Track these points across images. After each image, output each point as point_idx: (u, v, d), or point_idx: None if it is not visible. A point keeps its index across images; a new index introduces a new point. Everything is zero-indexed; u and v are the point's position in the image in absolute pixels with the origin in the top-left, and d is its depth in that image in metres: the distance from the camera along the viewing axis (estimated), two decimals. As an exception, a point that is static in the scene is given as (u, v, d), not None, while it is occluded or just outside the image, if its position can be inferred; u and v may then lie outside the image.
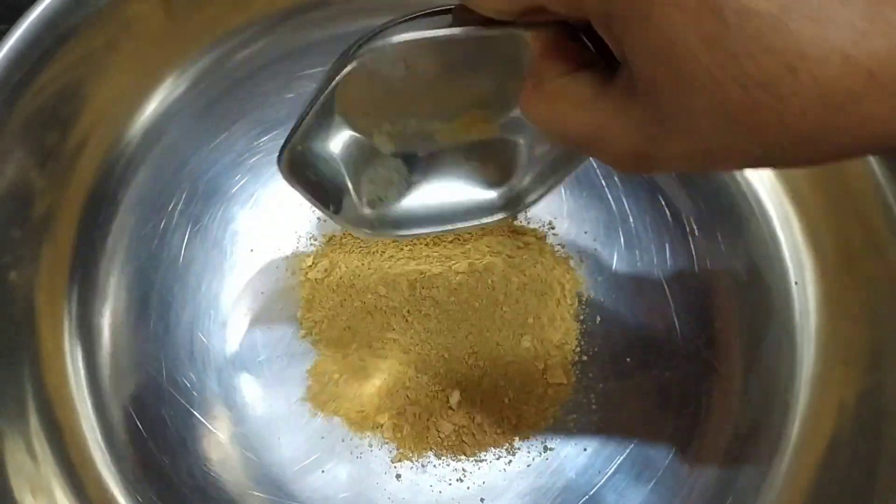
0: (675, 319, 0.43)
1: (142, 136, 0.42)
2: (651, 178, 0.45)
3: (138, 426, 0.40)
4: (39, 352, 0.38)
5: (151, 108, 0.42)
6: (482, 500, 0.40)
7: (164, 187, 0.43)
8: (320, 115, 0.31)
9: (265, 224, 0.43)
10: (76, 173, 0.40)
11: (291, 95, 0.44)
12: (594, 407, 0.42)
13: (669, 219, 0.44)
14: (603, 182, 0.45)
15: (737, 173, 0.44)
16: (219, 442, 0.40)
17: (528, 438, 0.41)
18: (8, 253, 0.37)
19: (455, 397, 0.40)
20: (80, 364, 0.40)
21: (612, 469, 0.41)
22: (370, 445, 0.41)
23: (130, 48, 0.40)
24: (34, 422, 0.37)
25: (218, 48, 0.43)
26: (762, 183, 0.44)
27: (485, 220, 0.37)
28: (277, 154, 0.31)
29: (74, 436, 0.38)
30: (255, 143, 0.44)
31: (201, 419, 0.40)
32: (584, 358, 0.42)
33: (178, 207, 0.43)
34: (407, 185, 0.36)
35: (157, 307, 0.41)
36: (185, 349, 0.41)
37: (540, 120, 0.26)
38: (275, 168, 0.31)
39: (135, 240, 0.42)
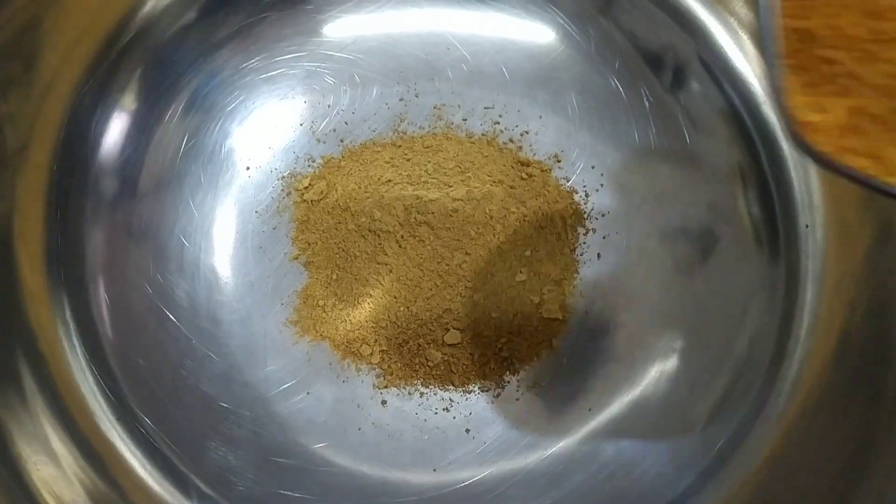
0: (680, 263, 0.41)
1: (129, 44, 0.41)
2: (671, 115, 0.43)
3: (118, 329, 0.39)
4: (19, 281, 0.38)
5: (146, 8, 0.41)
6: (467, 430, 0.39)
7: (158, 100, 0.42)
8: None
9: (262, 142, 0.42)
10: (53, 92, 0.39)
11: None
12: (589, 345, 0.41)
13: (685, 160, 0.43)
14: (615, 115, 0.43)
15: (755, 115, 0.42)
16: (198, 353, 0.39)
17: (518, 373, 0.40)
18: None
19: (452, 337, 0.39)
20: (62, 287, 0.39)
21: (604, 409, 0.40)
22: (357, 370, 0.40)
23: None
24: (19, 351, 0.37)
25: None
26: (777, 124, 0.42)
27: None
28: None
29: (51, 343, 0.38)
30: (250, 61, 0.43)
31: (185, 331, 0.40)
32: (583, 295, 0.41)
33: (174, 120, 0.42)
34: None
35: (147, 219, 0.41)
36: (174, 262, 0.40)
37: None
38: (272, 87, 0.29)
39: (123, 156, 0.41)
